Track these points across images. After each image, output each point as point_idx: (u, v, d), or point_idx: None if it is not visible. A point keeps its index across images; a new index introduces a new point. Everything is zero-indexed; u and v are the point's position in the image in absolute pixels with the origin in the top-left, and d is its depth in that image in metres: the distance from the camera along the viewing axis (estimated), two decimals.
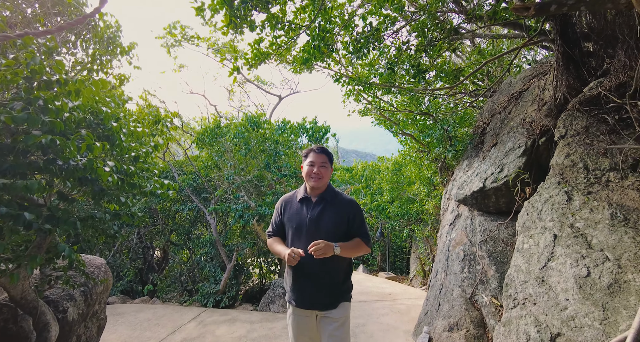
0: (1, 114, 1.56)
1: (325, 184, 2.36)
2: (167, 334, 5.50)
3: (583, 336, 2.19)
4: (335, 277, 2.26)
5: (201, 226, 8.56)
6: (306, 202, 2.34)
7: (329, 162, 2.35)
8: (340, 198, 2.35)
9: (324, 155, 2.33)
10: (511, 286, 2.87)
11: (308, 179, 2.31)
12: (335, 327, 2.21)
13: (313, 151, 2.35)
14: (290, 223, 2.33)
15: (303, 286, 2.24)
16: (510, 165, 4.09)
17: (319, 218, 2.25)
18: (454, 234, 4.94)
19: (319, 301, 2.23)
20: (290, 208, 2.38)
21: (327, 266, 2.20)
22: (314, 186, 2.29)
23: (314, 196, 2.34)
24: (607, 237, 2.38)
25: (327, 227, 2.23)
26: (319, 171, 2.28)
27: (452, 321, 3.95)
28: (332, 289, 2.25)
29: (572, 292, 2.38)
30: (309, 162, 2.31)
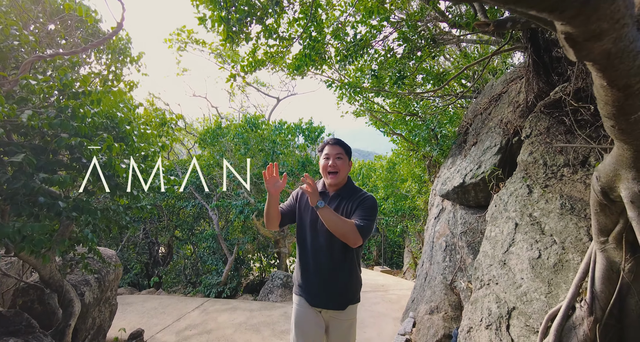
0: (40, 120, 1.89)
1: (344, 179, 2.21)
2: (172, 321, 5.85)
3: (532, 308, 2.51)
4: (345, 276, 2.13)
5: (204, 222, 8.91)
6: (323, 197, 2.21)
7: (345, 154, 2.19)
8: (358, 194, 2.17)
9: (339, 146, 2.18)
10: (479, 270, 3.20)
11: (325, 175, 2.18)
12: (346, 327, 2.17)
13: (328, 144, 2.21)
14: (302, 215, 2.23)
15: (312, 283, 2.15)
16: (487, 162, 4.41)
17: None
18: (438, 226, 5.27)
19: (330, 301, 2.13)
20: (306, 200, 2.23)
21: (336, 262, 2.11)
22: (331, 182, 2.17)
23: (331, 191, 2.23)
24: (556, 224, 2.71)
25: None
26: (335, 163, 2.13)
27: (433, 305, 4.28)
28: (342, 290, 2.15)
29: (526, 272, 2.70)
30: (324, 155, 2.18)
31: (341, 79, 5.65)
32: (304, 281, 2.18)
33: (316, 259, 2.13)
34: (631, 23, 0.78)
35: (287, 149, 6.99)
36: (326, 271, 2.10)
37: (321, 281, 2.12)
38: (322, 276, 2.12)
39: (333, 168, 2.13)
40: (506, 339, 2.64)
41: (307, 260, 2.17)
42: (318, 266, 2.12)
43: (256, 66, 3.46)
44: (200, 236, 7.80)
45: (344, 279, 2.13)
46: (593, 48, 0.79)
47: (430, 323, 4.03)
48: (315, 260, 2.13)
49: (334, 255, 2.10)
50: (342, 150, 2.18)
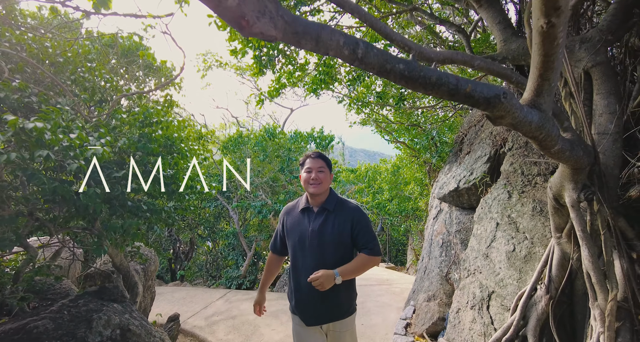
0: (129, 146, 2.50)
1: (326, 191, 2.16)
2: (200, 308, 6.47)
3: (506, 291, 3.05)
4: (338, 291, 2.04)
5: (223, 221, 9.54)
6: (307, 213, 2.14)
7: (327, 167, 2.15)
8: (344, 206, 2.14)
9: (321, 160, 2.14)
10: (467, 261, 3.74)
11: (307, 186, 2.11)
12: (347, 338, 2.16)
13: (309, 157, 2.17)
14: (291, 236, 2.15)
15: (306, 304, 2.10)
16: (478, 170, 4.93)
17: (320, 230, 2.06)
18: (436, 225, 5.80)
19: (323, 317, 2.10)
20: (291, 219, 2.19)
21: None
22: (313, 192, 2.09)
23: (315, 206, 2.14)
24: (528, 223, 3.24)
25: (331, 239, 2.05)
26: (317, 176, 2.08)
27: (430, 293, 4.82)
28: (336, 304, 2.10)
29: (503, 262, 3.24)
30: (306, 169, 2.13)
31: (350, 94, 6.22)
32: (297, 301, 2.12)
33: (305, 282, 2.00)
34: (521, 108, 1.35)
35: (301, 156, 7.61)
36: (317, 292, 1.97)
37: (315, 301, 2.06)
38: (315, 295, 2.03)
39: (315, 181, 2.09)
40: (486, 317, 3.18)
41: (299, 279, 2.10)
42: (310, 286, 1.97)
43: (279, 90, 4.05)
44: (222, 233, 8.43)
45: (337, 295, 2.06)
46: (502, 122, 1.35)
47: (427, 309, 4.57)
48: (305, 283, 2.00)
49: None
50: (323, 163, 2.14)
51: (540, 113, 1.43)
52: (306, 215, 2.15)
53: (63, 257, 3.97)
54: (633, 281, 2.20)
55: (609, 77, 2.55)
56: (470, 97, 1.21)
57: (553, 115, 2.35)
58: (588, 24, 2.96)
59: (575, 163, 2.12)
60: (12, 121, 1.72)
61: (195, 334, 5.40)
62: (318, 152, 2.22)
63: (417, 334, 4.34)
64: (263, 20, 0.94)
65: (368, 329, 5.22)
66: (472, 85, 1.20)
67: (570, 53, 2.70)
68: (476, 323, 3.23)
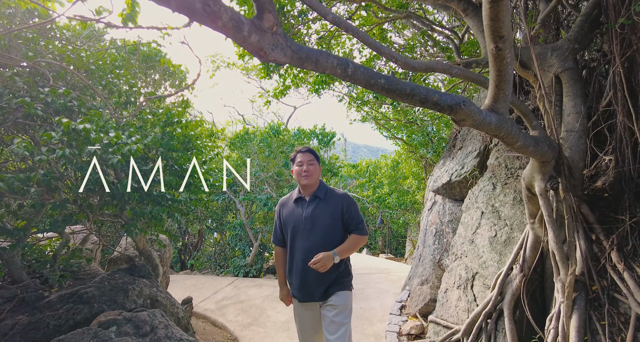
0: (154, 143, 2.83)
1: (316, 182, 2.34)
2: (210, 294, 6.86)
3: (488, 272, 3.38)
4: (333, 270, 2.23)
5: (230, 213, 9.91)
6: (300, 202, 2.33)
7: (316, 160, 2.35)
8: (333, 194, 2.35)
9: (310, 154, 2.32)
10: (454, 247, 4.06)
11: (299, 179, 2.29)
12: (335, 314, 2.22)
13: (300, 152, 2.34)
14: (287, 224, 2.33)
15: (304, 281, 2.24)
16: (468, 164, 5.23)
17: (313, 216, 2.24)
18: (431, 216, 6.12)
19: (318, 291, 2.23)
20: (287, 209, 2.38)
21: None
22: (305, 184, 2.28)
23: (307, 195, 2.34)
24: (509, 211, 3.56)
25: (324, 223, 2.24)
26: (308, 168, 2.26)
27: (423, 278, 5.16)
28: (331, 279, 2.25)
29: (486, 247, 3.56)
30: (297, 162, 2.31)
31: (350, 93, 6.52)
32: (298, 281, 2.26)
33: (307, 258, 2.18)
34: (480, 112, 1.67)
35: None
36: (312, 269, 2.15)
37: (311, 277, 2.21)
38: (312, 275, 2.20)
39: (307, 172, 2.27)
40: (470, 295, 3.51)
41: (298, 262, 2.25)
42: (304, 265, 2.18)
43: (284, 91, 4.36)
44: (230, 225, 8.80)
45: (333, 273, 2.25)
46: (464, 124, 1.66)
47: (420, 291, 4.91)
48: (305, 261, 2.18)
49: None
50: (313, 157, 2.33)
51: (498, 116, 1.74)
52: (299, 204, 2.34)
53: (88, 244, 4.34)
54: (589, 258, 2.52)
55: (576, 81, 2.84)
56: (437, 105, 1.52)
57: (523, 115, 2.67)
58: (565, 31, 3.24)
59: (541, 157, 2.43)
60: (66, 123, 2.06)
61: (206, 316, 5.77)
62: (307, 147, 2.40)
63: (410, 314, 4.69)
64: (276, 51, 1.26)
65: (366, 311, 5.57)
66: (438, 95, 1.52)
67: (543, 60, 2.99)
68: (461, 301, 3.57)
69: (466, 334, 3.19)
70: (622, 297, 2.30)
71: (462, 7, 3.55)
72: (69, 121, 2.06)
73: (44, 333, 1.85)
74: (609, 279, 2.42)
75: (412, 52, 5.42)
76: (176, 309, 2.78)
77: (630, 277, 2.29)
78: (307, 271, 2.20)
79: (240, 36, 1.18)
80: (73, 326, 2.00)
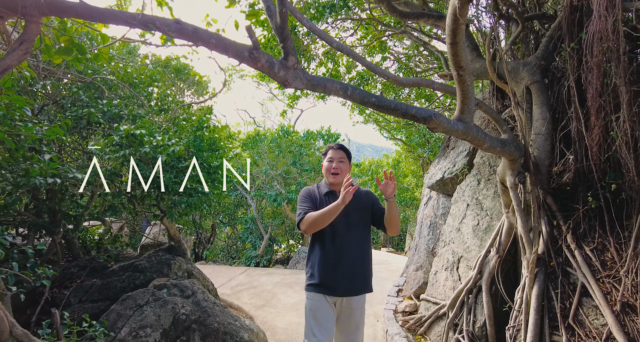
0: (188, 144, 3.33)
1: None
2: (225, 281, 7.38)
3: (471, 255, 3.84)
4: (366, 262, 2.26)
5: (242, 208, 10.44)
6: (332, 197, 2.26)
7: (346, 158, 2.31)
8: (359, 191, 2.32)
9: (342, 151, 2.30)
10: (443, 235, 4.53)
11: (328, 175, 2.26)
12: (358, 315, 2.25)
13: (332, 148, 2.31)
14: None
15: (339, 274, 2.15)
16: (459, 162, 5.67)
17: (347, 210, 2.14)
18: (426, 210, 6.57)
19: (353, 287, 2.18)
20: (318, 201, 2.29)
21: (361, 249, 2.23)
22: (333, 182, 2.24)
23: (338, 191, 2.23)
24: (490, 203, 4.01)
25: (356, 218, 2.23)
26: (338, 166, 2.24)
27: (418, 265, 5.63)
28: (367, 277, 2.26)
29: (470, 234, 4.02)
30: (328, 158, 2.28)
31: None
32: (331, 273, 2.16)
33: (339, 253, 2.16)
34: (448, 121, 2.14)
35: (310, 151, 8.42)
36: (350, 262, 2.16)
37: (351, 271, 2.16)
38: (351, 267, 2.16)
39: (336, 170, 2.24)
40: (455, 275, 3.97)
41: (332, 254, 2.17)
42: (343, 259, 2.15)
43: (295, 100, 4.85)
44: (242, 219, 9.33)
45: (368, 267, 2.28)
46: (437, 130, 2.14)
47: (415, 276, 5.38)
48: (339, 253, 2.16)
49: (357, 247, 2.22)
50: (344, 154, 2.30)
51: (464, 124, 2.21)
52: (331, 198, 2.24)
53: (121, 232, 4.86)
54: (550, 240, 2.97)
55: (543, 92, 3.29)
56: (414, 116, 2.01)
57: (495, 121, 3.14)
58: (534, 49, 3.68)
59: (508, 156, 2.89)
60: (127, 130, 2.57)
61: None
62: (340, 144, 2.37)
63: (406, 296, 5.16)
64: (296, 81, 1.75)
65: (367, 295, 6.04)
66: (415, 110, 2.00)
67: (515, 73, 3.45)
68: (448, 280, 4.03)
69: (451, 308, 3.66)
70: (572, 271, 2.75)
71: None
72: (128, 128, 2.57)
73: (113, 292, 2.36)
74: (563, 256, 2.87)
75: (408, 60, 5.88)
76: (206, 282, 3.29)
77: (580, 254, 2.74)
78: (342, 265, 2.15)
79: (272, 72, 1.67)
80: (134, 288, 2.51)
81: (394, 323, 4.22)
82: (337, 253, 2.18)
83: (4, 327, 1.22)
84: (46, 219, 2.90)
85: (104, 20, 1.38)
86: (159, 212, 3.74)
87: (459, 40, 1.75)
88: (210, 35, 1.47)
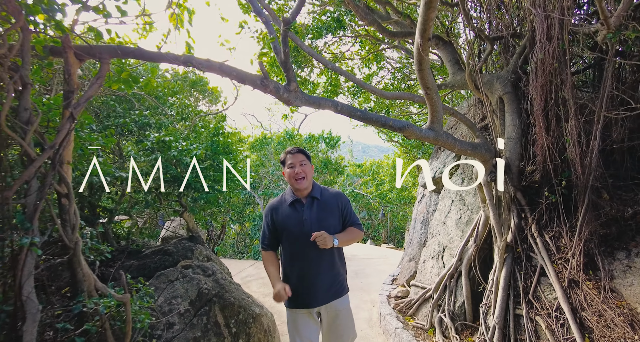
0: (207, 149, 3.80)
1: (310, 183, 2.20)
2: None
3: (454, 245, 4.25)
4: (334, 268, 2.17)
5: (250, 207, 10.93)
6: (298, 205, 2.16)
7: (307, 160, 2.20)
8: (327, 193, 2.24)
9: (301, 154, 2.19)
10: (431, 227, 4.94)
11: (293, 182, 2.13)
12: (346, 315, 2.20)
13: (289, 153, 2.19)
14: (285, 228, 2.13)
15: (311, 285, 2.09)
16: (449, 163, 6.07)
17: (315, 217, 2.11)
18: (420, 207, 6.98)
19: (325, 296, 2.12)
20: (281, 213, 2.17)
21: (328, 260, 2.13)
22: (299, 187, 2.13)
23: (303, 197, 2.18)
24: (471, 199, 4.42)
25: (328, 224, 2.12)
26: (301, 170, 2.12)
27: (411, 256, 6.04)
28: (335, 281, 2.17)
29: (454, 227, 4.43)
30: (288, 165, 2.15)
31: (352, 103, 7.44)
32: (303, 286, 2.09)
33: (310, 263, 2.09)
34: (420, 130, 2.58)
35: (313, 153, 8.86)
36: (322, 270, 2.09)
37: (318, 281, 2.09)
38: (319, 276, 2.09)
39: (299, 174, 2.12)
40: (440, 263, 4.38)
41: (301, 265, 2.11)
42: (314, 269, 2.08)
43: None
44: (250, 216, 9.81)
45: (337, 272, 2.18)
46: (411, 137, 2.57)
47: (408, 266, 5.79)
48: (310, 264, 2.09)
49: (324, 256, 2.11)
50: (304, 157, 2.18)
51: (434, 132, 2.64)
52: (296, 206, 2.16)
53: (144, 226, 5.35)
54: (517, 230, 3.38)
55: (514, 102, 3.70)
56: (392, 127, 2.45)
57: (469, 128, 3.56)
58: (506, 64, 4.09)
59: (480, 157, 3.31)
60: (158, 137, 3.04)
61: None
62: (297, 147, 2.24)
63: (399, 284, 5.58)
64: (297, 101, 2.20)
65: (366, 285, 6.48)
66: (392, 121, 2.44)
67: (490, 85, 3.86)
68: (434, 268, 4.45)
69: (435, 291, 4.07)
70: (534, 255, 3.16)
71: (434, 42, 4.43)
72: (159, 136, 3.04)
73: (148, 271, 2.82)
74: (528, 243, 3.28)
75: (402, 69, 6.30)
76: (222, 267, 3.75)
77: (540, 241, 3.15)
78: (316, 275, 2.08)
79: (279, 95, 2.13)
80: (164, 268, 2.98)
81: (387, 306, 4.65)
82: (303, 263, 2.10)
83: (90, 281, 1.68)
84: (86, 213, 3.39)
85: (155, 60, 1.83)
86: (180, 207, 4.21)
87: (424, 67, 2.19)
88: (232, 70, 1.93)
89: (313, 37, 4.35)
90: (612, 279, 2.56)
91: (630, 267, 2.52)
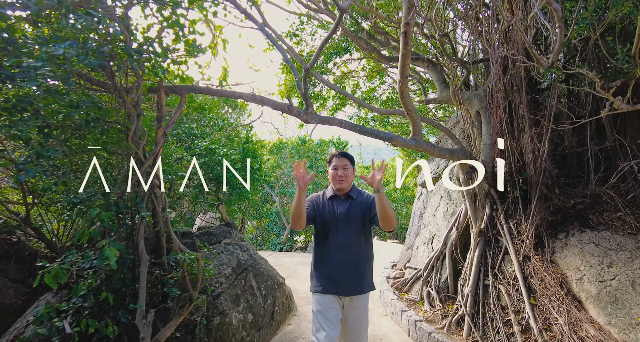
0: (239, 154, 4.58)
1: (350, 184, 2.32)
2: None
3: (441, 233, 4.91)
4: (365, 263, 2.23)
5: (267, 204, 11.74)
6: (335, 200, 2.31)
7: (350, 164, 2.30)
8: (363, 194, 2.33)
9: (345, 158, 2.29)
10: (423, 219, 5.61)
11: (334, 182, 2.27)
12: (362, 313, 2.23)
13: (335, 156, 2.31)
14: (322, 217, 2.27)
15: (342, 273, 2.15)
16: (441, 164, 6.70)
17: (347, 213, 2.21)
18: (418, 203, 7.61)
19: (356, 288, 2.17)
20: (322, 204, 2.32)
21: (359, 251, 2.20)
22: (339, 188, 2.26)
23: (341, 195, 2.32)
24: (456, 195, 5.07)
25: (355, 219, 2.21)
26: (342, 173, 2.25)
27: (409, 245, 6.69)
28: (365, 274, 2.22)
29: (441, 218, 5.09)
30: (332, 166, 2.29)
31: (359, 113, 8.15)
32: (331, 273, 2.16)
33: (343, 253, 2.15)
34: (405, 140, 3.29)
35: (324, 156, 9.63)
36: (353, 262, 2.16)
37: (350, 271, 2.15)
38: (350, 267, 2.15)
39: (341, 177, 2.24)
40: (430, 248, 5.04)
41: (333, 255, 2.17)
42: (346, 259, 2.15)
43: None
44: (267, 213, 10.61)
45: (367, 267, 2.25)
46: (397, 146, 3.28)
47: (406, 254, 6.45)
48: (342, 254, 2.15)
49: (359, 248, 2.21)
50: (348, 161, 2.29)
51: (416, 141, 3.34)
52: (334, 201, 2.30)
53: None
54: (489, 219, 4.03)
55: (489, 115, 4.35)
56: (382, 137, 3.17)
57: (450, 136, 4.24)
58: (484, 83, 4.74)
59: (457, 160, 3.98)
60: (206, 145, 3.83)
61: None
62: (343, 152, 2.35)
63: (397, 268, 6.24)
64: (313, 121, 2.95)
65: None
66: (382, 134, 3.17)
67: (470, 101, 4.52)
68: (425, 252, 5.11)
69: (425, 270, 4.74)
70: (501, 238, 3.81)
71: (425, 64, 5.12)
72: (208, 143, 3.83)
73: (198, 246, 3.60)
74: (497, 229, 3.93)
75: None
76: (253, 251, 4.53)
77: (506, 227, 3.80)
78: (345, 264, 2.16)
79: (299, 116, 2.88)
80: (210, 244, 3.77)
81: (385, 284, 5.33)
82: (337, 256, 2.17)
83: (176, 244, 2.44)
84: None
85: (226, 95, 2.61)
86: (216, 201, 5.00)
87: (405, 95, 2.90)
88: (270, 100, 2.69)
89: (324, 61, 5.10)
90: (553, 253, 3.20)
91: (567, 244, 3.16)
